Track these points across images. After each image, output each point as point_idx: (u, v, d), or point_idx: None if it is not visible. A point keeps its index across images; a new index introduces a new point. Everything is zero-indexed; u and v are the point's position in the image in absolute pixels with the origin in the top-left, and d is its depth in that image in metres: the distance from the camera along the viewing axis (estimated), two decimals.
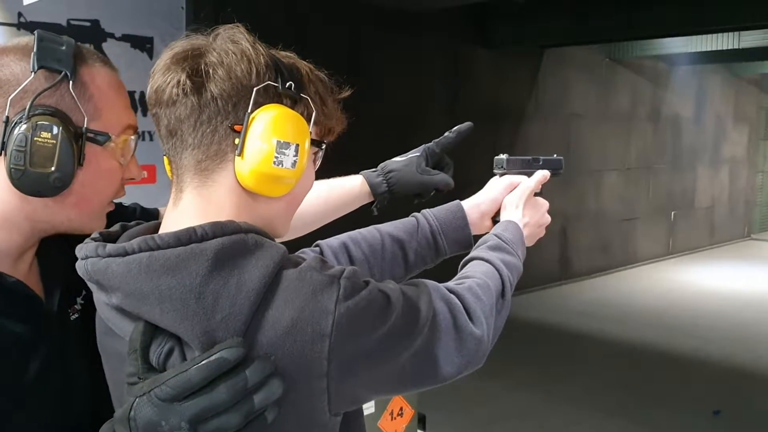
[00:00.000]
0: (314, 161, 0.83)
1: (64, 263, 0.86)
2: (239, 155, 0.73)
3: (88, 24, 3.94)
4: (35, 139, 0.77)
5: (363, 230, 1.06)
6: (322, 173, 0.89)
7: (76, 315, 0.88)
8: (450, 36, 6.10)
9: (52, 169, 0.78)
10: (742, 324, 6.13)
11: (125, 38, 4.05)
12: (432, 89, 5.99)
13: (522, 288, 6.77)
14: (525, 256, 1.02)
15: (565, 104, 7.38)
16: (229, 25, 0.77)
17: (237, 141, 0.72)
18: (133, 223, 0.80)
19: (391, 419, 1.66)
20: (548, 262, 7.32)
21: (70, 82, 0.79)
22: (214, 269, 0.66)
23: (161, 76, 0.73)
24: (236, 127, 0.73)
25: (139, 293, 0.67)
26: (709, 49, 7.19)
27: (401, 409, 1.67)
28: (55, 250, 0.88)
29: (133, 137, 0.86)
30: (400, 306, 0.73)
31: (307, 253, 0.93)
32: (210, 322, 0.65)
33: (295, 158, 0.74)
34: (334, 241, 1.04)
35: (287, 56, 0.79)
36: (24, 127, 0.77)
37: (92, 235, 0.76)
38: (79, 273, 0.73)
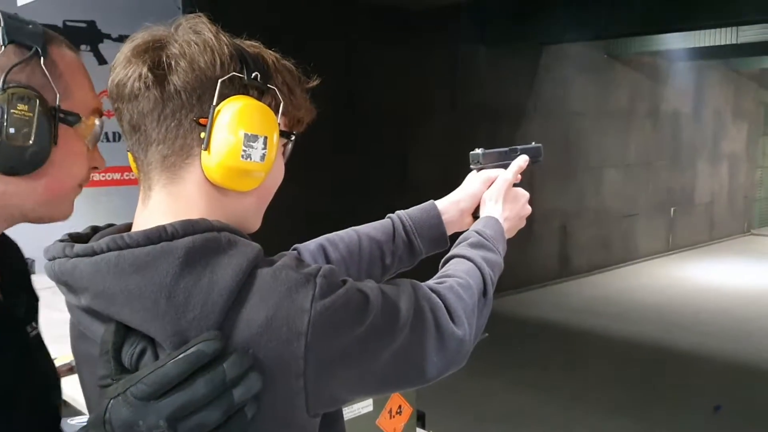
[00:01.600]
0: (284, 153, 0.80)
1: (25, 268, 0.84)
2: (205, 149, 0.71)
3: (84, 25, 3.94)
4: (12, 111, 0.73)
5: (341, 232, 1.05)
6: (322, 171, 0.88)
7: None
8: (449, 33, 6.10)
9: (30, 142, 0.74)
10: (743, 319, 6.13)
11: (122, 39, 4.05)
12: (431, 87, 5.99)
13: (522, 285, 6.78)
14: (506, 251, 1.01)
15: (564, 101, 7.38)
16: (191, 15, 0.75)
17: (203, 135, 0.71)
18: (104, 224, 0.79)
19: (390, 417, 1.65)
20: (548, 260, 7.32)
21: (41, 58, 0.76)
22: (185, 268, 0.64)
23: (122, 69, 0.71)
24: (201, 121, 0.71)
25: (108, 293, 0.66)
26: (707, 44, 7.18)
27: (400, 407, 1.66)
28: (12, 254, 0.86)
29: (98, 121, 0.83)
30: (378, 305, 0.72)
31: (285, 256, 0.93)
32: (181, 321, 0.64)
33: (263, 151, 0.72)
34: (312, 244, 1.03)
35: (252, 45, 0.77)
36: None
37: (61, 237, 0.74)
38: (47, 275, 0.71)
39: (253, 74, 0.73)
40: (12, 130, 0.73)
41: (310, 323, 0.65)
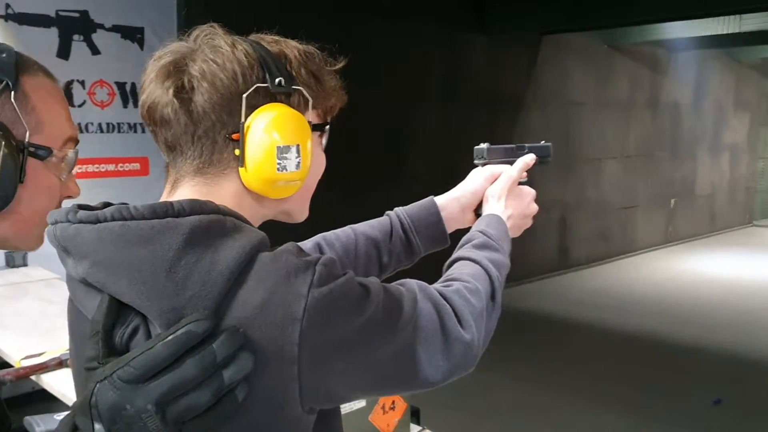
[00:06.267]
0: (321, 143, 0.82)
1: None
2: (242, 167, 0.73)
3: (77, 15, 3.89)
4: None
5: (338, 230, 1.04)
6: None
7: None
8: (447, 23, 6.04)
9: None
10: (744, 312, 6.10)
11: (115, 29, 4.01)
12: (429, 77, 5.93)
13: (520, 278, 6.75)
14: (510, 249, 0.98)
15: (563, 92, 7.32)
16: (205, 28, 0.75)
17: (237, 152, 0.72)
18: (118, 203, 0.77)
19: (383, 413, 1.61)
20: (547, 252, 7.28)
21: (12, 92, 0.74)
22: (188, 245, 0.64)
23: (149, 93, 0.73)
24: (234, 136, 0.72)
25: (108, 263, 0.65)
26: (709, 33, 7.11)
27: (393, 402, 1.62)
28: None
29: (72, 151, 0.81)
30: (380, 299, 0.71)
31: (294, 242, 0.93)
32: (179, 298, 0.63)
33: (298, 159, 0.74)
34: (309, 242, 1.03)
35: (273, 41, 0.77)
36: None
37: (69, 207, 0.73)
38: (48, 239, 0.71)
39: (277, 80, 0.73)
40: None
41: (306, 309, 0.65)
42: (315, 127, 0.78)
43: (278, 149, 0.72)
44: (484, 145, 1.10)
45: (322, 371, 0.67)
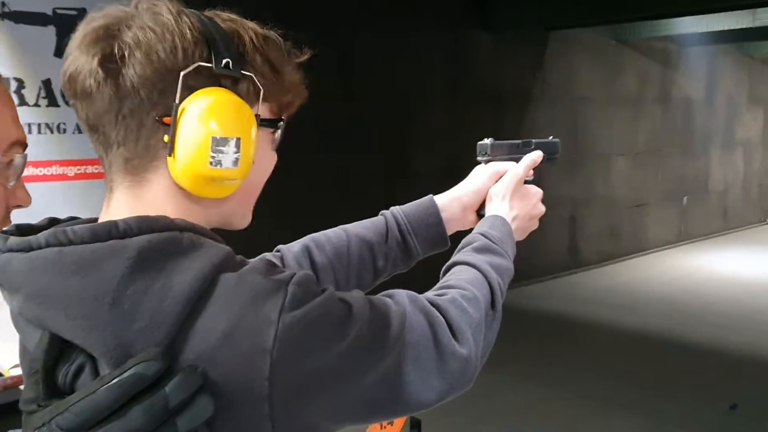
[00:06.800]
0: (272, 141, 0.72)
1: None
2: (170, 155, 0.63)
3: (74, 12, 3.83)
4: None
5: (329, 231, 0.96)
6: (314, 162, 0.76)
7: None
8: (450, 19, 5.94)
9: None
10: (759, 311, 5.97)
11: None
12: (432, 75, 5.84)
13: (530, 278, 6.65)
14: (515, 253, 0.90)
15: (571, 88, 7.21)
16: None
17: (167, 138, 0.62)
18: (66, 217, 0.69)
19: (381, 428, 1.53)
20: (557, 251, 7.18)
21: None
22: (135, 271, 0.56)
23: (73, 60, 0.63)
24: (165, 120, 0.62)
25: (43, 295, 0.58)
26: (721, 28, 6.98)
27: None
28: None
29: (19, 156, 0.73)
30: (364, 317, 0.63)
31: (265, 258, 0.85)
32: (126, 332, 0.56)
33: (236, 155, 0.64)
34: (296, 245, 0.94)
35: (228, 20, 0.67)
36: None
37: (7, 227, 0.65)
38: None
39: (224, 61, 0.63)
40: None
41: (276, 338, 0.57)
42: (265, 123, 0.68)
43: (213, 140, 0.62)
44: (487, 141, 1.03)
45: (298, 407, 0.60)
